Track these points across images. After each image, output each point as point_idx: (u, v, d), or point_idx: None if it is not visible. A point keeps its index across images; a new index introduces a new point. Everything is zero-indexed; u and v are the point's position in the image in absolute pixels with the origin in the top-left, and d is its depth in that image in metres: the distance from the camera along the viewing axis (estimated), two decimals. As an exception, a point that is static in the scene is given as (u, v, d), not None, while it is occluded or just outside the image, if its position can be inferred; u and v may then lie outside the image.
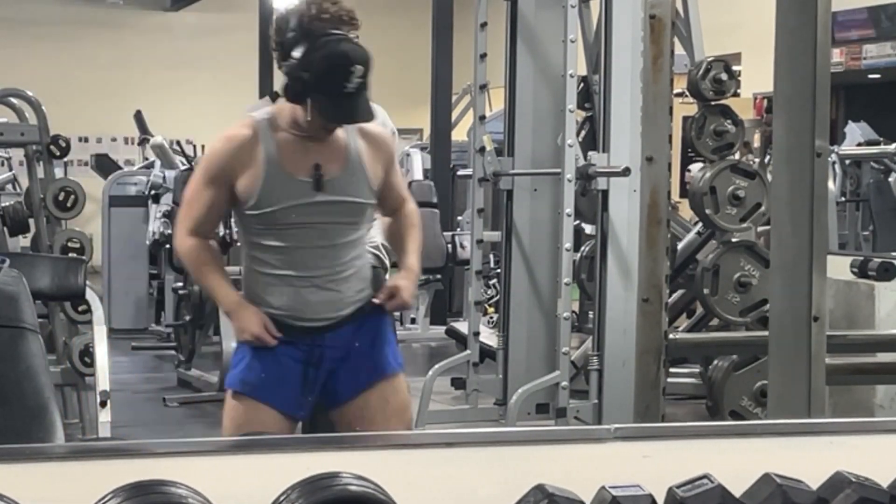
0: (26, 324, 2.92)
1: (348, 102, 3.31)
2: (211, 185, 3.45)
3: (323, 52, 3.31)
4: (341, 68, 3.29)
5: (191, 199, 3.51)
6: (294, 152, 3.40)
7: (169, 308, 9.45)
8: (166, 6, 17.15)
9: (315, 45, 3.33)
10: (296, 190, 3.39)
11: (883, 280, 5.71)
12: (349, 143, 3.46)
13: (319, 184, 3.39)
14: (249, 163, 3.39)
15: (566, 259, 5.16)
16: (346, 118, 3.37)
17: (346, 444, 1.85)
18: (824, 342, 3.56)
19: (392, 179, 3.57)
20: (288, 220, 3.38)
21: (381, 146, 3.53)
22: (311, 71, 3.30)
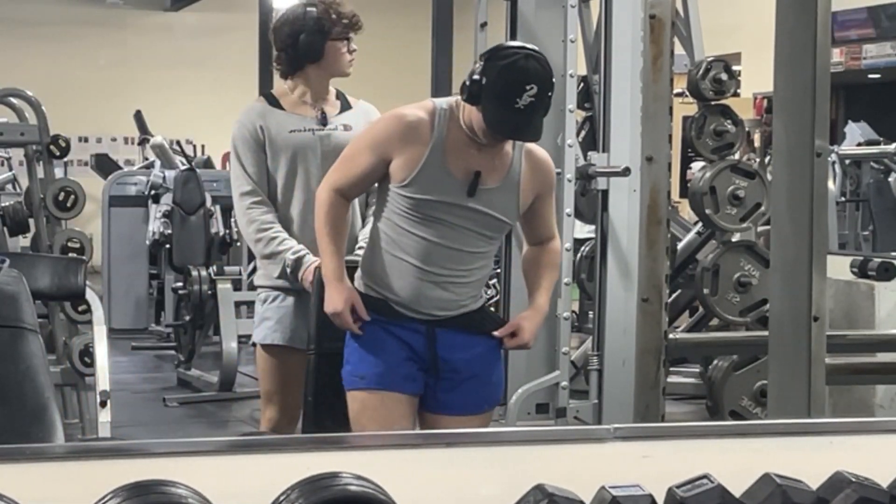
0: (26, 324, 2.92)
1: (516, 118, 3.31)
2: (372, 153, 3.46)
3: (503, 63, 3.34)
4: (516, 83, 3.29)
5: (348, 160, 3.52)
6: (460, 151, 3.42)
7: (169, 308, 9.45)
8: (166, 6, 17.14)
9: (499, 55, 3.37)
10: (450, 188, 3.40)
11: (883, 280, 5.71)
12: (514, 160, 3.48)
13: (473, 190, 3.40)
14: (415, 145, 3.41)
15: (566, 259, 5.16)
16: (511, 133, 3.37)
17: (346, 444, 1.85)
18: (824, 342, 3.56)
19: (543, 209, 3.59)
20: (432, 214, 3.41)
21: (542, 173, 3.53)
22: (487, 78, 3.32)
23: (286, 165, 4.09)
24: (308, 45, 4.15)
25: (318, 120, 4.14)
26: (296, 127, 4.12)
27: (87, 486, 1.55)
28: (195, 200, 9.60)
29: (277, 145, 4.10)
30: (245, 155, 4.12)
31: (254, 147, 4.11)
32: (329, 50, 4.15)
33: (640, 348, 4.08)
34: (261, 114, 4.14)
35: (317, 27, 4.15)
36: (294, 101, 4.18)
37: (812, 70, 3.46)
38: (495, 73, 3.32)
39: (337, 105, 4.22)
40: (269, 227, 4.08)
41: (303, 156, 4.09)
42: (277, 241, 4.05)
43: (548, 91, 3.33)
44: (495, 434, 2.27)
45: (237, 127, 4.15)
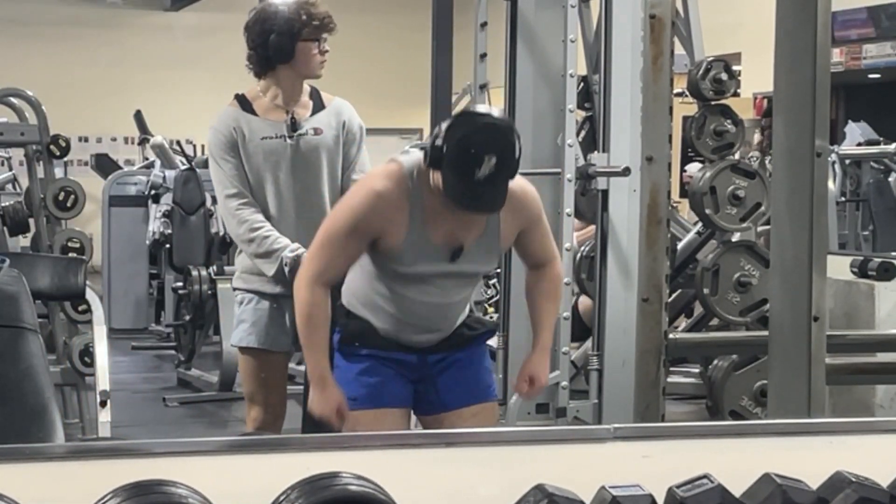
0: (26, 324, 2.92)
1: (476, 189, 3.16)
2: (352, 236, 3.33)
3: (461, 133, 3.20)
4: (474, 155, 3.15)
5: (327, 246, 3.36)
6: (438, 216, 3.30)
7: (169, 308, 9.45)
8: (166, 6, 17.14)
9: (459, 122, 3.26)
10: (433, 256, 3.35)
11: (883, 280, 5.71)
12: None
13: (456, 256, 3.35)
14: (394, 220, 3.30)
15: (566, 259, 5.16)
16: (469, 205, 3.22)
17: (346, 444, 1.85)
18: (824, 342, 3.56)
19: (533, 238, 3.48)
20: (416, 277, 3.37)
21: (522, 209, 3.39)
22: (447, 146, 3.19)
23: (257, 172, 4.07)
24: (278, 45, 4.11)
25: (287, 126, 4.10)
26: (267, 133, 4.09)
27: (87, 486, 1.55)
28: (195, 200, 9.60)
29: (249, 151, 4.08)
30: (224, 159, 4.10)
31: (231, 152, 4.08)
32: (299, 51, 4.09)
33: (640, 348, 4.08)
34: (235, 118, 4.11)
35: (287, 27, 4.10)
36: (266, 104, 4.14)
37: (812, 70, 3.46)
38: (454, 143, 3.17)
39: (309, 106, 4.18)
40: (260, 225, 4.05)
41: (273, 163, 4.07)
42: (271, 239, 4.02)
43: (510, 158, 3.17)
44: (495, 434, 2.27)
45: (212, 133, 4.13)
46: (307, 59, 4.12)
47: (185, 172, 9.77)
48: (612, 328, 5.30)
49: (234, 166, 4.08)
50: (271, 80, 4.17)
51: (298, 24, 4.09)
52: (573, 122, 5.24)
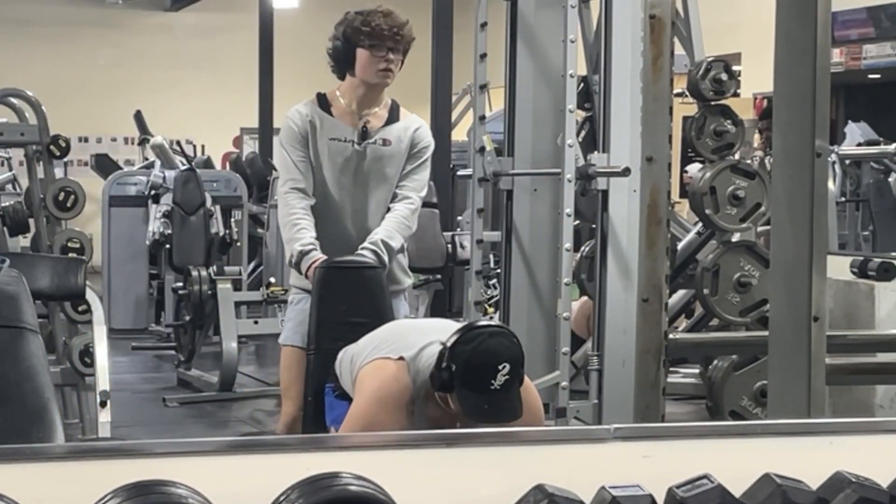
0: (26, 324, 2.92)
1: (494, 399, 3.17)
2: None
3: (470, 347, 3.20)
4: (488, 365, 3.16)
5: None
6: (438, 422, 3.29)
7: (169, 308, 9.45)
8: (166, 6, 17.14)
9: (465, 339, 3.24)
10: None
11: (883, 280, 5.71)
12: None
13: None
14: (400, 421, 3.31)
15: (566, 259, 5.16)
16: (492, 417, 3.17)
17: (346, 444, 1.85)
18: (824, 342, 3.56)
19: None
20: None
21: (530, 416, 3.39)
22: (456, 364, 3.19)
23: (319, 173, 4.19)
24: (341, 52, 4.26)
25: (359, 133, 4.23)
26: (337, 135, 4.21)
27: (87, 486, 1.55)
28: (195, 200, 9.60)
29: (317, 149, 4.21)
30: (293, 147, 4.25)
31: (301, 140, 4.22)
32: (358, 58, 4.22)
33: (640, 348, 4.07)
34: (310, 112, 4.25)
35: (345, 36, 4.24)
36: (342, 108, 4.27)
37: (812, 70, 3.46)
38: (464, 359, 3.18)
39: (384, 118, 4.30)
40: (295, 213, 4.17)
41: (337, 166, 4.20)
42: (296, 228, 4.15)
43: (520, 366, 3.20)
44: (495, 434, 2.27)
45: (286, 122, 4.27)
46: (363, 67, 4.22)
47: (184, 173, 9.77)
48: (612, 328, 5.30)
49: (300, 156, 4.21)
50: (346, 85, 4.29)
51: (354, 34, 4.21)
52: (573, 122, 5.24)
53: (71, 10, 16.56)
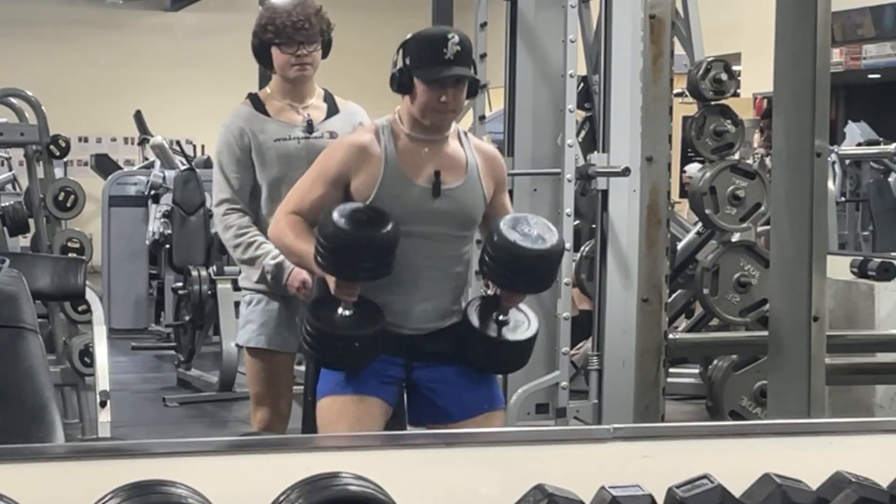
0: (26, 324, 2.92)
1: (449, 67, 3.35)
2: (325, 184, 3.44)
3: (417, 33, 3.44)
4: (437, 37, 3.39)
5: (301, 191, 3.50)
6: (413, 156, 3.44)
7: (169, 308, 9.45)
8: (166, 6, 17.14)
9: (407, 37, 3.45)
10: (414, 195, 3.40)
11: (883, 280, 5.71)
12: (468, 156, 3.50)
13: (438, 190, 3.41)
14: (369, 163, 3.41)
15: (565, 259, 5.16)
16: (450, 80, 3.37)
17: (346, 444, 1.85)
18: (824, 342, 3.56)
19: (502, 200, 3.62)
20: (403, 227, 3.34)
21: (495, 164, 3.58)
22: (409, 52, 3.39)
23: (272, 175, 4.06)
24: (256, 50, 4.20)
25: (303, 127, 4.11)
26: (281, 135, 4.08)
27: (87, 486, 1.55)
28: (195, 200, 9.60)
29: (263, 154, 4.07)
30: (228, 162, 4.10)
31: (238, 154, 4.08)
32: (273, 56, 4.14)
33: (640, 348, 4.07)
34: (247, 119, 4.12)
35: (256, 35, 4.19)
36: (278, 105, 4.15)
37: (812, 70, 3.46)
38: (415, 41, 3.41)
39: (324, 108, 4.18)
40: (245, 231, 4.05)
41: (288, 165, 4.04)
42: (255, 245, 4.02)
43: (468, 45, 3.40)
44: (495, 434, 2.27)
45: (223, 132, 4.14)
46: (279, 65, 4.14)
47: (184, 173, 9.77)
48: (612, 328, 5.30)
49: (237, 169, 4.09)
50: (274, 82, 4.20)
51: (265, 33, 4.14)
52: (573, 122, 5.24)
53: (71, 10, 16.56)
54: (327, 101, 4.21)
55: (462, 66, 3.36)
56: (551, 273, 3.50)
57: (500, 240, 3.36)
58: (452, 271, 3.49)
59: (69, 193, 6.41)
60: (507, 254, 3.37)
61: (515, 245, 3.35)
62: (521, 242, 3.36)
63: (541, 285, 3.55)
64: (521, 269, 3.39)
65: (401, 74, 3.39)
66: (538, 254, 3.37)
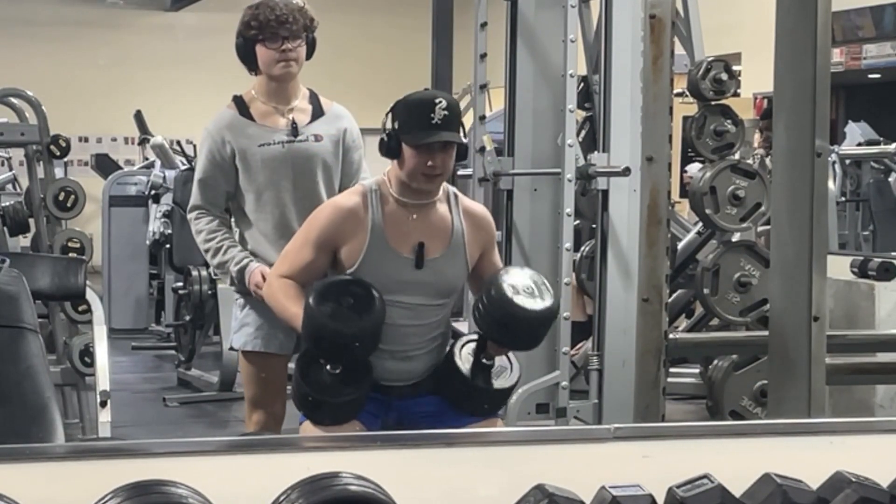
0: (26, 324, 2.92)
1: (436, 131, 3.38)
2: (314, 248, 3.51)
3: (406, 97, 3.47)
4: (425, 102, 3.40)
5: (294, 253, 3.56)
6: (399, 225, 3.47)
7: (169, 308, 9.45)
8: (166, 6, 17.13)
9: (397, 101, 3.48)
10: (397, 265, 3.45)
11: (883, 280, 5.71)
12: (454, 222, 3.54)
13: (421, 262, 3.46)
14: (356, 230, 3.46)
15: (566, 259, 5.16)
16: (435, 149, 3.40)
17: (346, 444, 1.85)
18: (824, 342, 3.56)
19: (491, 259, 3.64)
20: (385, 296, 3.40)
21: (483, 227, 3.61)
22: (398, 116, 3.42)
23: (257, 180, 4.04)
24: (240, 51, 4.18)
25: (288, 131, 4.08)
26: (265, 140, 4.06)
27: (87, 486, 1.55)
28: (195, 200, 9.59)
29: (248, 160, 4.05)
30: (204, 169, 4.13)
31: (218, 161, 4.08)
32: (258, 53, 4.12)
33: (640, 348, 4.07)
34: (230, 126, 4.10)
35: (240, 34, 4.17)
36: (262, 108, 4.12)
37: (812, 70, 3.46)
38: (403, 106, 3.43)
39: (308, 111, 4.15)
40: (213, 235, 4.09)
41: (273, 170, 4.03)
42: (222, 250, 4.06)
43: (456, 110, 3.42)
44: (495, 434, 2.27)
45: (204, 135, 4.15)
46: (263, 63, 4.11)
47: (185, 172, 9.76)
48: (612, 328, 5.30)
49: (210, 176, 4.11)
50: (259, 83, 4.17)
51: (249, 30, 4.13)
52: (573, 122, 5.24)
53: (71, 10, 16.55)
54: (312, 103, 4.18)
55: (450, 130, 3.39)
56: (544, 334, 3.54)
57: (498, 296, 3.37)
58: (434, 334, 3.56)
59: (69, 193, 6.41)
60: (503, 312, 3.38)
61: (512, 304, 3.36)
62: (519, 302, 3.36)
63: (532, 344, 3.59)
64: (515, 328, 3.43)
65: (389, 139, 3.43)
66: (535, 315, 3.39)
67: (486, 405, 3.61)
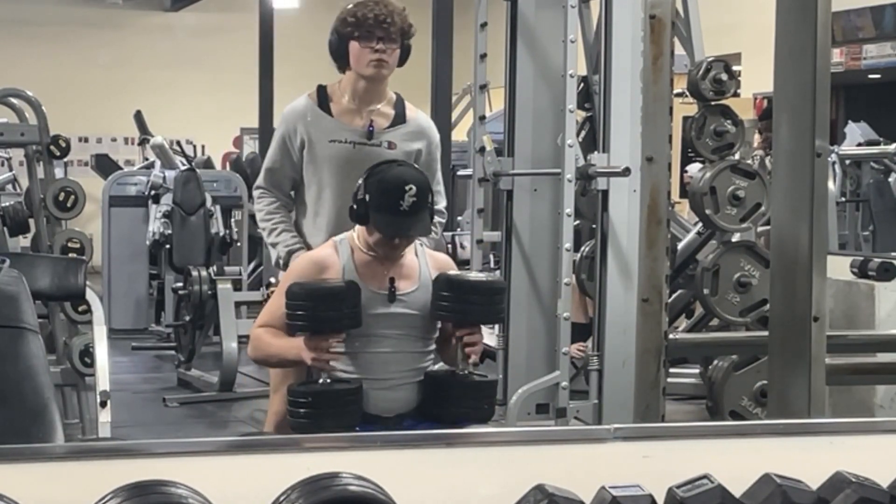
0: (26, 324, 2.92)
1: (403, 219, 3.50)
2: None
3: (379, 176, 3.56)
4: (396, 188, 3.50)
5: (270, 308, 3.68)
6: (370, 269, 3.61)
7: (169, 308, 9.45)
8: (166, 6, 17.14)
9: (372, 172, 3.59)
10: (372, 301, 3.56)
11: (883, 280, 5.71)
12: (421, 265, 3.67)
13: (393, 296, 3.58)
14: (328, 275, 3.59)
15: (566, 259, 5.16)
16: (402, 232, 3.55)
17: (346, 444, 1.85)
18: (824, 342, 3.56)
19: None
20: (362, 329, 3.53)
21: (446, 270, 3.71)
22: (369, 193, 3.52)
23: (321, 175, 4.07)
24: (333, 47, 4.14)
25: (363, 132, 4.08)
26: (337, 137, 4.07)
27: (87, 486, 1.55)
28: (195, 201, 9.60)
29: (316, 153, 4.07)
30: (274, 152, 4.18)
31: (284, 146, 4.14)
32: (351, 50, 4.07)
33: (640, 348, 4.08)
34: (303, 115, 4.11)
35: (336, 30, 4.11)
36: (343, 105, 4.12)
37: (812, 70, 3.46)
38: (375, 186, 3.53)
39: (390, 116, 4.14)
40: (271, 217, 4.16)
41: (339, 169, 4.05)
42: (276, 232, 4.14)
43: (426, 191, 3.55)
44: (495, 434, 2.27)
45: (282, 122, 4.19)
46: (356, 59, 4.08)
47: (185, 173, 9.77)
48: (612, 328, 5.30)
49: (278, 160, 4.16)
50: (347, 80, 4.14)
51: (345, 26, 4.08)
52: (573, 122, 5.23)
53: (71, 10, 16.56)
54: (396, 108, 4.18)
55: (417, 214, 3.51)
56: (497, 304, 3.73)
57: (446, 279, 3.60)
58: (417, 365, 3.64)
59: (69, 193, 6.41)
60: (454, 286, 3.57)
61: (459, 279, 3.61)
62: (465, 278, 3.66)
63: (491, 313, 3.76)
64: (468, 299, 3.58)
65: (359, 207, 3.55)
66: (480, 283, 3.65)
67: (479, 399, 3.66)
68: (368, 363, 3.56)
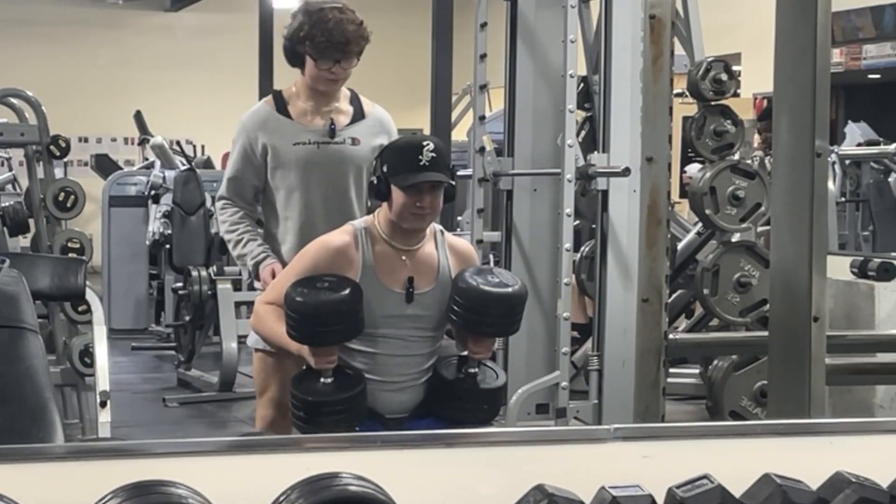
0: (26, 324, 2.92)
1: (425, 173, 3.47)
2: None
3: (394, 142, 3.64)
4: (413, 146, 3.50)
5: (280, 285, 3.61)
6: (389, 263, 3.56)
7: (169, 308, 9.45)
8: (166, 6, 17.13)
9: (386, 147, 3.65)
10: (388, 301, 3.54)
11: (883, 280, 5.70)
12: (440, 258, 3.62)
13: (411, 297, 3.55)
14: (345, 268, 3.53)
15: (566, 259, 5.16)
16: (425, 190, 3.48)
17: (346, 444, 1.85)
18: (824, 342, 3.56)
19: None
20: (376, 330, 3.52)
21: (466, 261, 3.69)
22: (387, 161, 3.51)
23: (288, 179, 4.04)
24: (287, 52, 4.11)
25: (325, 131, 4.05)
26: (300, 139, 4.04)
27: (87, 486, 1.55)
28: (195, 201, 9.60)
29: (281, 158, 4.04)
30: (235, 161, 4.12)
31: (246, 154, 4.08)
32: (306, 63, 4.04)
33: (640, 348, 4.08)
34: (264, 122, 4.07)
35: (291, 40, 4.06)
36: (301, 107, 4.08)
37: (812, 70, 3.46)
38: (391, 150, 3.56)
39: (349, 112, 4.11)
40: (235, 227, 4.11)
41: (306, 170, 4.02)
42: (242, 243, 4.09)
43: (445, 153, 3.53)
44: (495, 434, 2.27)
45: (239, 128, 4.12)
46: (311, 76, 4.06)
47: (185, 173, 9.77)
48: (612, 328, 5.30)
49: (239, 169, 4.10)
50: (302, 83, 4.11)
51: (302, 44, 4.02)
52: (573, 122, 5.23)
53: (71, 10, 16.55)
54: (353, 104, 4.15)
55: (438, 171, 3.48)
56: (515, 316, 3.63)
57: (466, 286, 3.53)
58: (425, 366, 3.63)
59: (69, 193, 6.41)
60: (472, 298, 3.52)
61: (479, 289, 3.52)
62: (485, 287, 3.53)
63: (508, 327, 3.69)
64: (487, 312, 3.54)
65: (378, 182, 3.52)
66: (501, 297, 3.54)
67: (486, 406, 3.66)
68: (378, 364, 3.55)
